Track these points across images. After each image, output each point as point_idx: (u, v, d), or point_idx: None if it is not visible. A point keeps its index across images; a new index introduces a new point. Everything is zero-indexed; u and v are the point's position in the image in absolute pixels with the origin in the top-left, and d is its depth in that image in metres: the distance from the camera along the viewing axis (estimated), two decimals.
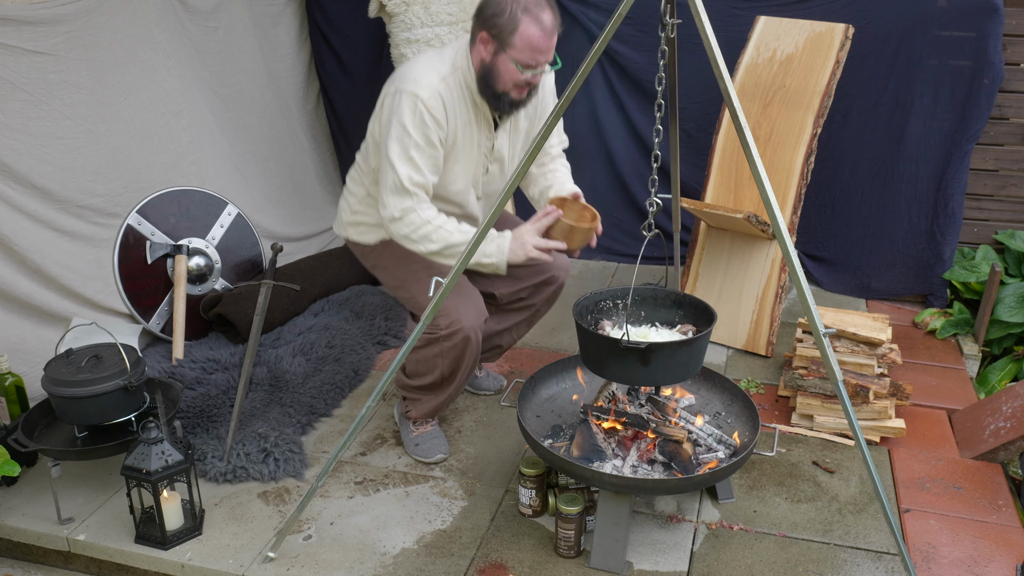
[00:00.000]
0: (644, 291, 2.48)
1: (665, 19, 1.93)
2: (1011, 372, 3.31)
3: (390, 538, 2.41)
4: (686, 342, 2.20)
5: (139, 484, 2.29)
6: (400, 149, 2.35)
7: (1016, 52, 3.43)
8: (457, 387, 2.68)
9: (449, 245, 2.37)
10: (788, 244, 1.86)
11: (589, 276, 4.11)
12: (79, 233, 3.12)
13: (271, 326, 3.45)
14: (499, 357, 3.06)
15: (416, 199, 2.37)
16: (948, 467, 2.69)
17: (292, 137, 4.16)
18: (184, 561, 2.33)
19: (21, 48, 2.86)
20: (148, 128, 3.34)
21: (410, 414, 2.76)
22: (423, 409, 2.73)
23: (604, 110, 3.99)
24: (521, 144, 2.61)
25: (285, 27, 4.10)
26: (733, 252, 3.44)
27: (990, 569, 2.27)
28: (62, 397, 2.39)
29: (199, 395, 2.94)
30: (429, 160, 2.38)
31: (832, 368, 1.91)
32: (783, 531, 2.41)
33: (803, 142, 3.29)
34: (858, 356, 2.84)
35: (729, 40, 3.57)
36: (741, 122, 1.83)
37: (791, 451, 2.77)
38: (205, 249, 3.50)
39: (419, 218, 2.37)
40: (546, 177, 2.71)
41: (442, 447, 2.75)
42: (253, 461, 2.66)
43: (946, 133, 3.49)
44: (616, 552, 2.25)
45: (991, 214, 3.64)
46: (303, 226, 4.16)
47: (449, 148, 2.43)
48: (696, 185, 3.88)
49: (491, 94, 2.37)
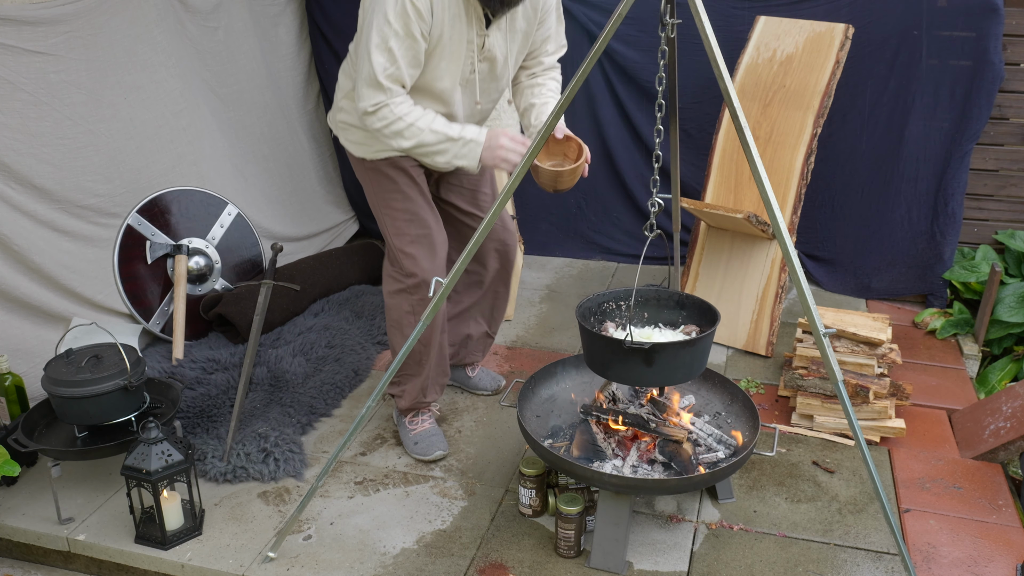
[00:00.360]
0: (647, 292, 2.48)
1: (665, 19, 1.93)
2: (1011, 372, 3.31)
3: (390, 538, 2.41)
4: (689, 342, 2.20)
5: (139, 484, 2.29)
6: (379, 39, 2.26)
7: (1016, 52, 3.43)
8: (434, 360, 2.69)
9: (421, 144, 2.36)
10: (788, 244, 1.86)
11: (589, 276, 4.11)
12: (79, 233, 3.12)
13: (271, 326, 3.45)
14: (479, 353, 3.06)
15: (389, 93, 2.31)
16: (948, 467, 2.69)
17: (292, 137, 4.16)
18: (184, 561, 2.33)
19: (21, 48, 2.86)
20: (148, 128, 3.34)
21: (400, 404, 2.78)
22: (411, 395, 2.74)
23: (604, 110, 3.99)
24: (518, 46, 2.52)
25: (285, 27, 4.10)
26: (733, 252, 3.44)
27: (990, 569, 2.27)
28: (62, 397, 2.39)
29: (199, 395, 2.94)
30: (408, 52, 2.29)
31: (832, 368, 1.91)
32: (783, 531, 2.41)
33: (803, 142, 3.30)
34: (858, 356, 2.84)
35: (729, 40, 3.57)
36: (741, 122, 1.83)
37: (791, 451, 2.77)
38: (205, 249, 3.50)
39: (392, 113, 2.32)
40: (533, 93, 2.63)
41: (440, 444, 2.75)
42: (253, 461, 2.66)
43: (946, 133, 3.49)
44: (616, 552, 2.25)
45: (991, 214, 3.64)
46: (303, 226, 4.16)
47: (434, 43, 2.34)
48: (696, 185, 3.88)
49: None
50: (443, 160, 2.41)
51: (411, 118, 2.33)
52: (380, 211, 2.63)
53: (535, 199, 4.22)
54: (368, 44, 2.28)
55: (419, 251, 2.58)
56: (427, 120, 2.35)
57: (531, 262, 4.24)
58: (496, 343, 3.49)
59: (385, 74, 2.29)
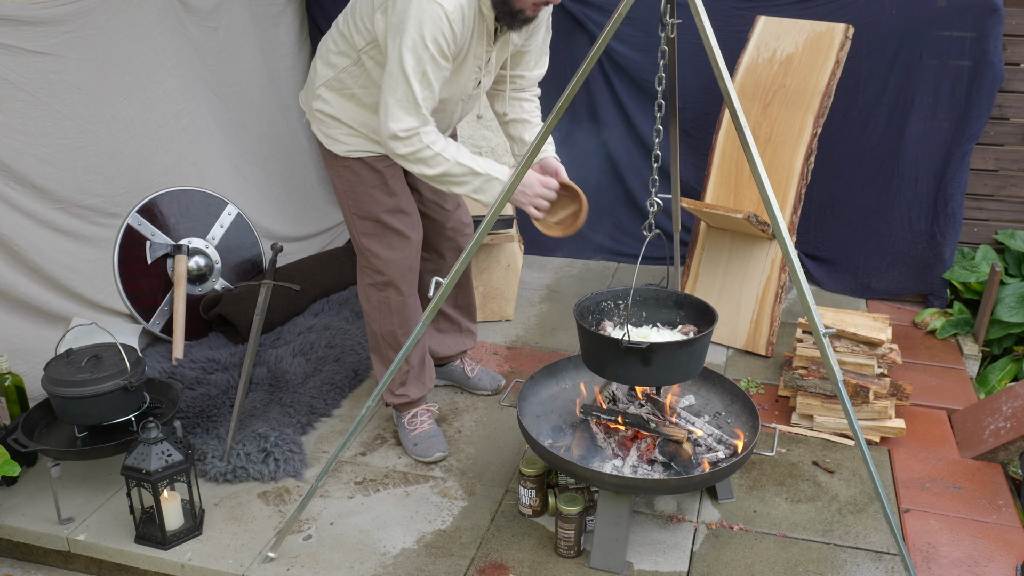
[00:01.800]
0: (645, 291, 2.48)
1: (665, 19, 1.93)
2: (1011, 372, 3.31)
3: (390, 538, 2.41)
4: (687, 342, 2.20)
5: (139, 484, 2.29)
6: (415, 62, 2.20)
7: (1016, 52, 3.43)
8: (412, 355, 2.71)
9: (446, 174, 2.33)
10: (788, 244, 1.86)
11: (589, 276, 4.11)
12: (79, 233, 3.12)
13: (271, 326, 3.45)
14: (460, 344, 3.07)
15: (422, 120, 2.27)
16: (948, 467, 2.69)
17: (292, 137, 4.16)
18: (184, 561, 2.33)
19: (21, 48, 2.86)
20: (148, 128, 3.34)
21: (386, 398, 2.80)
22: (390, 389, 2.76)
23: (604, 110, 3.99)
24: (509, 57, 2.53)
25: (285, 27, 4.10)
26: (733, 252, 3.44)
27: (990, 569, 2.27)
28: (62, 397, 2.39)
29: (199, 395, 2.94)
30: (440, 76, 2.26)
31: (832, 368, 1.91)
32: (783, 531, 2.41)
33: (803, 142, 3.29)
34: (858, 356, 2.84)
35: (729, 40, 3.57)
36: (741, 122, 1.83)
37: (791, 451, 2.77)
38: (205, 249, 3.50)
39: (421, 142, 2.28)
40: (522, 108, 2.64)
41: (440, 446, 2.75)
42: (253, 461, 2.66)
43: (946, 133, 3.49)
44: (616, 552, 2.25)
45: (991, 214, 3.64)
46: (303, 226, 4.16)
47: (458, 63, 2.34)
48: (696, 185, 3.88)
49: (507, 11, 2.27)
50: (461, 191, 2.37)
51: (438, 147, 2.30)
52: (347, 208, 2.61)
53: None
54: (404, 66, 2.21)
55: (384, 250, 2.60)
56: (452, 151, 2.32)
57: (531, 262, 4.24)
58: (496, 343, 3.49)
59: (423, 99, 2.25)
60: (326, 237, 4.32)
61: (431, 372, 2.87)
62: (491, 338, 3.53)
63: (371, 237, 2.60)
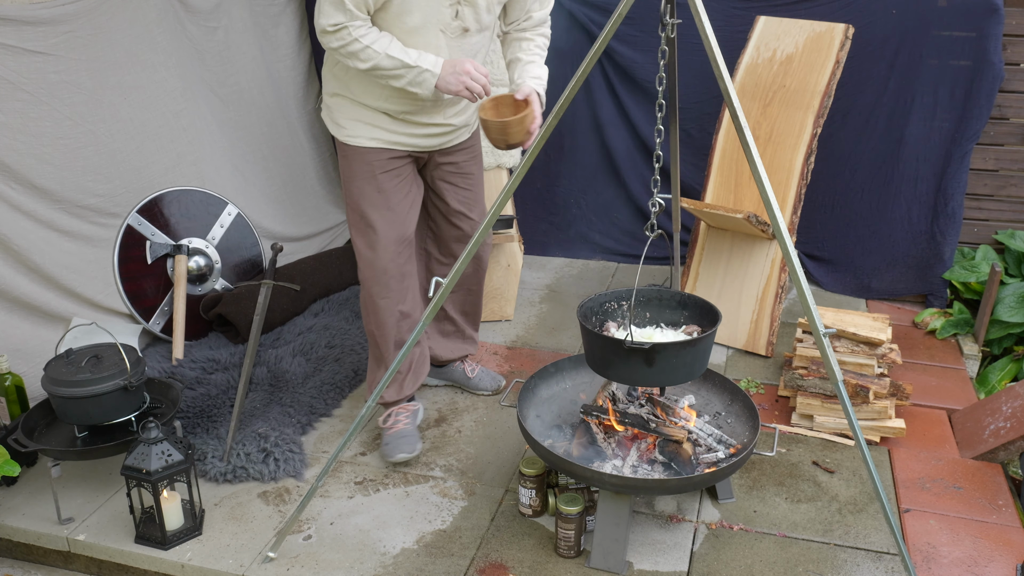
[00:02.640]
0: (649, 292, 2.48)
1: (665, 19, 1.93)
2: (1011, 372, 3.31)
3: (390, 538, 2.41)
4: (690, 342, 2.20)
5: (139, 484, 2.29)
6: None
7: (1016, 52, 3.43)
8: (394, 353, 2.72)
9: (377, 67, 2.35)
10: (788, 244, 1.86)
11: (589, 276, 4.11)
12: (79, 233, 3.12)
13: (271, 326, 3.46)
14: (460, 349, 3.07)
15: (350, 15, 2.30)
16: (948, 467, 2.69)
17: (292, 137, 4.16)
18: (184, 561, 2.33)
19: (21, 48, 2.86)
20: (148, 128, 3.34)
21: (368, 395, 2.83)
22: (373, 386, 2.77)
23: (604, 110, 3.99)
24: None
25: (285, 27, 4.10)
26: (733, 252, 3.44)
27: (990, 569, 2.27)
28: (62, 397, 2.39)
29: (199, 395, 2.94)
30: None
31: (832, 368, 1.91)
32: (783, 531, 2.41)
33: (803, 142, 3.30)
34: (858, 356, 2.84)
35: (729, 40, 3.57)
36: (741, 122, 1.83)
37: (791, 451, 2.77)
38: (205, 249, 3.50)
39: (350, 35, 2.32)
40: (520, 47, 2.60)
41: (406, 447, 2.70)
42: (253, 461, 2.66)
43: (946, 133, 3.49)
44: (616, 552, 2.25)
45: (991, 214, 3.64)
46: (303, 226, 4.16)
47: None
48: (696, 185, 3.88)
49: None
50: (398, 84, 2.39)
51: (367, 40, 2.32)
52: (344, 197, 2.67)
53: (534, 199, 4.22)
54: None
55: (364, 248, 2.63)
56: (383, 44, 2.34)
57: (531, 262, 4.24)
58: (496, 343, 3.49)
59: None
60: (326, 237, 4.32)
61: (417, 377, 2.85)
62: (491, 338, 3.53)
63: (355, 229, 2.65)
